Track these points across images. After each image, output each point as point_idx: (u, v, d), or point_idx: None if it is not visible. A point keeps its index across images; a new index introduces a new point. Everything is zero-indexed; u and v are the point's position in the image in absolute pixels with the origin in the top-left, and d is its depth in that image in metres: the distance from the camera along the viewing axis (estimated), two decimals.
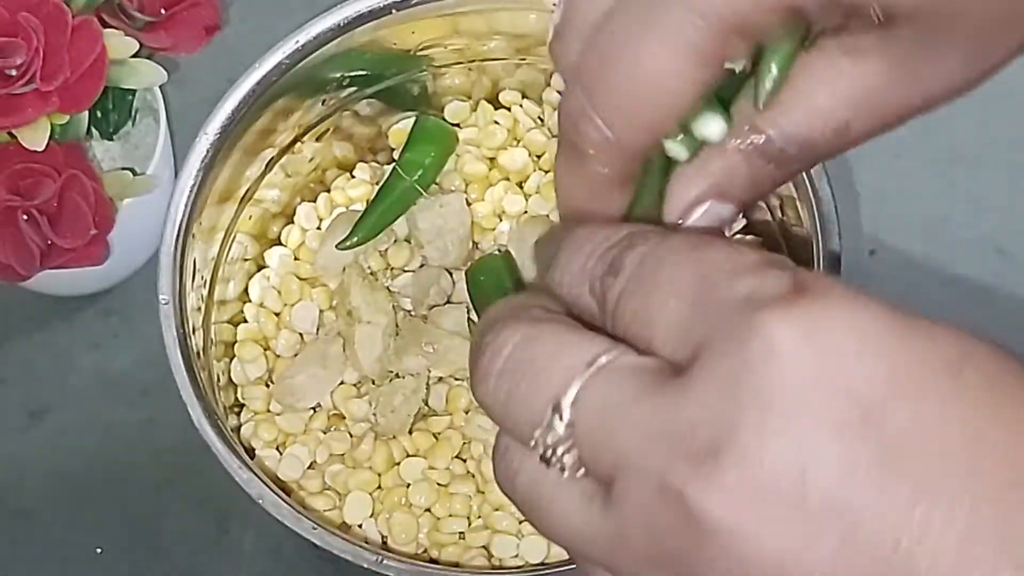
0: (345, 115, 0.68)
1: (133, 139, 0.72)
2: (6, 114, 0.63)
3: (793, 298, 0.28)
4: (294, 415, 0.64)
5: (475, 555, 0.61)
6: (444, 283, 0.66)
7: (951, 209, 0.76)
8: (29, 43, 0.63)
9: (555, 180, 0.37)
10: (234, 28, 0.75)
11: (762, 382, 0.28)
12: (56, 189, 0.64)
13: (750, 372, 0.28)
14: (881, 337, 0.28)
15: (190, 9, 0.68)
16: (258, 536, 0.71)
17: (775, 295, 0.28)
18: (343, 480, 0.63)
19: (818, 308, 0.28)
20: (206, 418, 0.57)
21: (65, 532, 0.71)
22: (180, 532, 0.71)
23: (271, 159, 0.66)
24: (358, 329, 0.63)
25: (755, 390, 0.28)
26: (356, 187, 0.69)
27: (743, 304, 0.29)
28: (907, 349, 0.28)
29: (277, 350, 0.66)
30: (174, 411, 0.57)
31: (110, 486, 0.72)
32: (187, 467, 0.68)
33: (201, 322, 0.62)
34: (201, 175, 0.61)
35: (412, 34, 0.66)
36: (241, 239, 0.66)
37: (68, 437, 0.73)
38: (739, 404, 0.28)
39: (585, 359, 0.30)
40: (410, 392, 0.63)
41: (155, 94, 0.72)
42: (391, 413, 0.63)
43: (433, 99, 0.70)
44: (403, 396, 0.63)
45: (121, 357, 0.75)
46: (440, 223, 0.66)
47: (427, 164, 0.66)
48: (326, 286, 0.67)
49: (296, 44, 0.63)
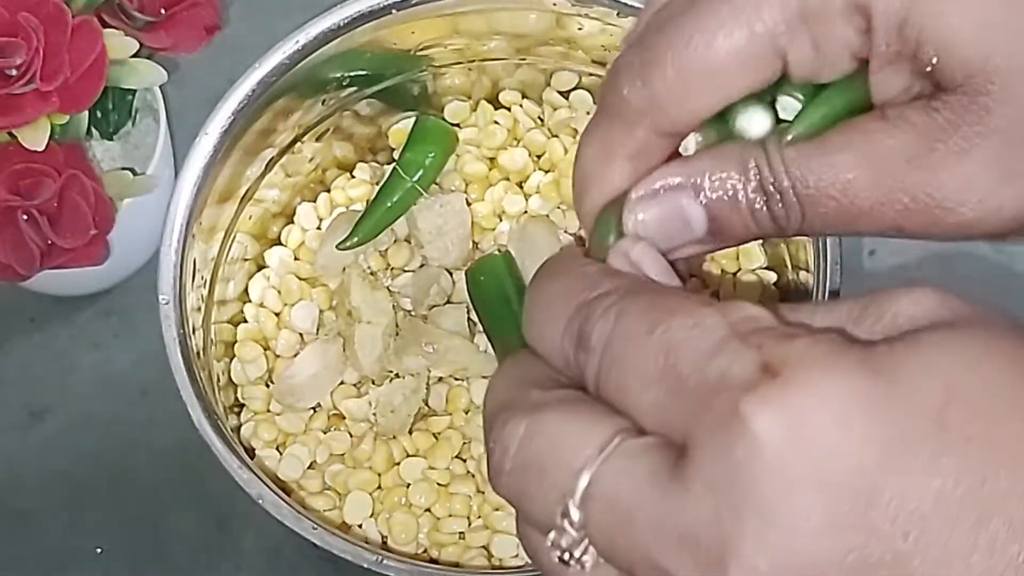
0: (345, 115, 0.68)
1: (133, 139, 0.72)
2: (6, 114, 0.63)
3: (766, 383, 0.28)
4: (294, 415, 0.64)
5: (475, 555, 0.61)
6: (444, 283, 0.66)
7: None
8: (29, 43, 0.62)
9: (578, 147, 0.37)
10: (234, 28, 0.75)
11: (754, 484, 0.28)
12: (56, 189, 0.64)
13: (740, 475, 0.28)
14: (861, 411, 0.28)
15: (190, 9, 0.68)
16: (258, 536, 0.71)
17: (747, 379, 0.28)
18: (343, 480, 0.63)
19: (792, 391, 0.28)
20: (206, 418, 0.57)
21: (65, 532, 0.71)
22: (180, 532, 0.71)
23: (271, 159, 0.66)
24: (358, 329, 0.63)
25: (748, 494, 0.28)
26: (356, 187, 0.69)
27: (716, 391, 0.29)
28: (889, 420, 0.28)
29: (277, 350, 0.66)
30: (174, 411, 0.57)
31: (110, 486, 0.72)
32: (187, 467, 0.68)
33: (201, 322, 0.62)
34: (201, 175, 0.61)
35: (412, 34, 0.66)
36: (241, 239, 0.66)
37: (68, 437, 0.73)
38: (736, 511, 0.28)
39: (587, 452, 0.30)
40: (410, 392, 0.63)
41: (155, 94, 0.72)
42: (391, 413, 0.63)
43: (433, 99, 0.70)
44: (403, 396, 0.63)
45: (121, 357, 0.75)
46: (440, 223, 0.66)
47: (427, 164, 0.66)
48: (326, 286, 0.67)
49: (296, 44, 0.63)
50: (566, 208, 0.67)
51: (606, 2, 0.63)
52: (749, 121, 0.34)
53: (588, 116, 0.67)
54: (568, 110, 0.69)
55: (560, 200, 0.67)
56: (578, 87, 0.69)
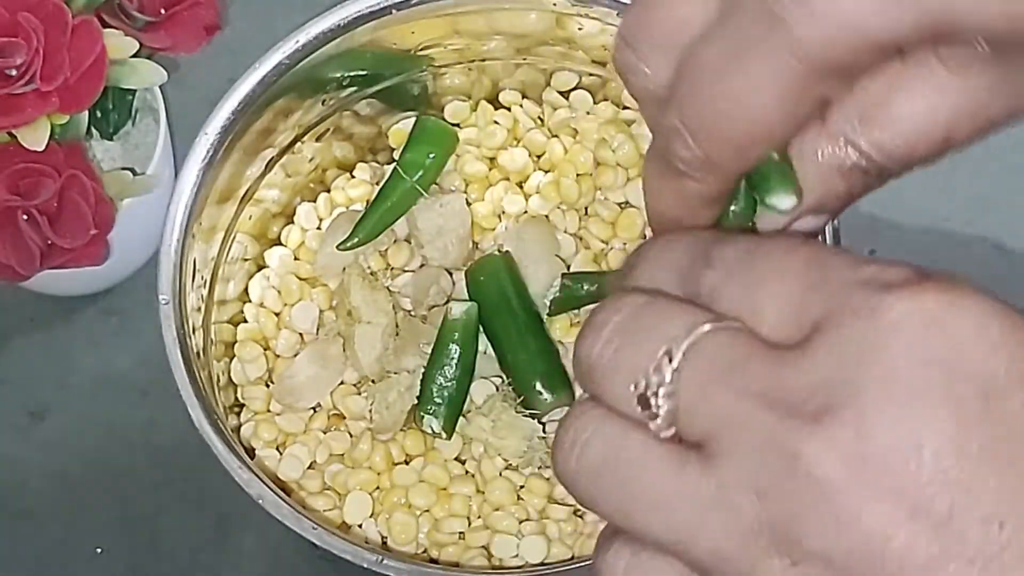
0: (345, 115, 0.68)
1: (133, 139, 0.72)
2: (6, 114, 0.63)
3: (917, 284, 0.29)
4: (294, 415, 0.64)
5: (475, 555, 0.61)
6: (444, 283, 0.66)
7: (951, 209, 0.76)
8: (29, 43, 0.63)
9: (644, 188, 0.37)
10: (234, 28, 0.75)
11: (886, 356, 0.28)
12: (56, 189, 0.64)
13: (875, 345, 0.29)
14: (1002, 328, 0.29)
15: (190, 9, 0.68)
16: (258, 536, 0.71)
17: (899, 280, 0.29)
18: (343, 480, 0.63)
19: (942, 295, 0.29)
20: (206, 418, 0.57)
21: (65, 532, 0.71)
22: (180, 532, 0.71)
23: (271, 159, 0.66)
24: (358, 329, 0.63)
25: (879, 362, 0.28)
26: (356, 187, 0.69)
27: (866, 285, 0.30)
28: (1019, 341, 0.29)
29: (277, 350, 0.66)
30: (174, 411, 0.57)
31: (110, 486, 0.72)
32: (187, 467, 0.68)
33: (201, 322, 0.62)
34: (201, 175, 0.61)
35: (412, 34, 0.66)
36: (241, 239, 0.66)
37: (68, 437, 0.73)
38: (861, 372, 0.28)
39: (699, 319, 0.31)
40: (404, 389, 0.63)
41: (155, 94, 0.72)
42: (386, 409, 0.63)
43: (433, 99, 0.70)
44: (398, 393, 0.63)
45: (121, 357, 0.75)
46: (440, 223, 0.66)
47: (427, 164, 0.66)
48: (326, 286, 0.67)
49: (296, 44, 0.63)
50: (566, 208, 0.67)
51: (606, 2, 0.63)
52: (780, 200, 0.35)
53: (588, 116, 0.68)
54: (568, 110, 0.69)
55: (560, 200, 0.67)
56: (578, 87, 0.69)
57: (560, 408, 0.62)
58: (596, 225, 0.66)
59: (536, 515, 0.61)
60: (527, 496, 0.62)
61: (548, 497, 0.62)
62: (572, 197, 0.66)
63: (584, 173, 0.67)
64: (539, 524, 0.61)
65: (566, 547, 0.61)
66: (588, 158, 0.67)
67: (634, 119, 0.68)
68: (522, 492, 0.62)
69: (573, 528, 0.61)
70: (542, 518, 0.61)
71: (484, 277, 0.64)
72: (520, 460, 0.62)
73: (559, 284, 0.64)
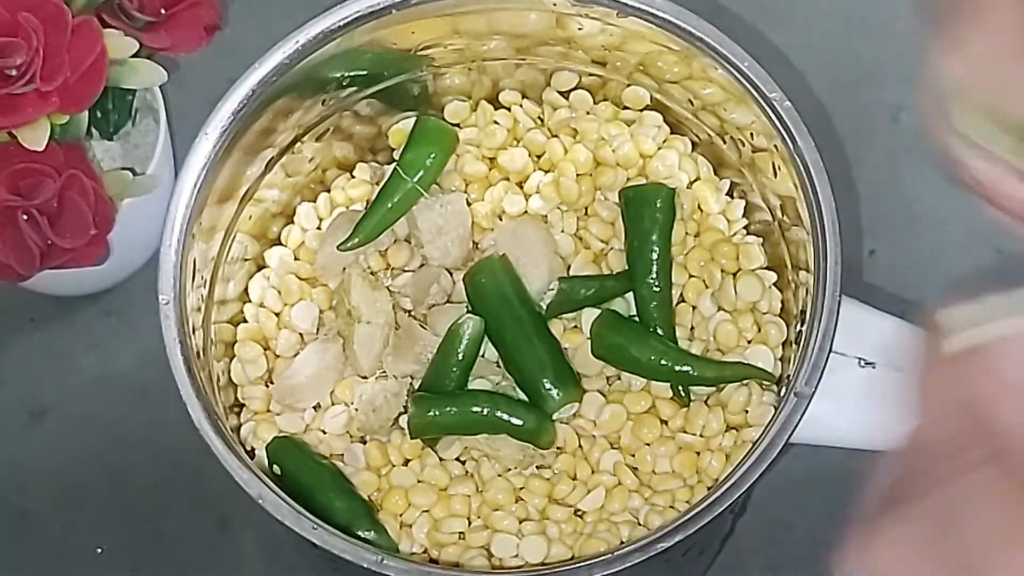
0: (345, 115, 0.68)
1: (133, 139, 0.72)
2: (6, 114, 0.63)
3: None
4: (294, 415, 0.64)
5: (475, 555, 0.61)
6: (444, 283, 0.66)
7: (951, 209, 0.76)
8: (29, 43, 0.63)
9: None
10: (234, 28, 0.75)
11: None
12: (56, 189, 0.64)
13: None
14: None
15: (190, 9, 0.68)
16: (258, 536, 0.71)
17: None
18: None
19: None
20: (206, 418, 0.57)
21: (65, 532, 0.71)
22: (180, 532, 0.71)
23: (271, 159, 0.66)
24: (358, 329, 0.63)
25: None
26: (356, 187, 0.69)
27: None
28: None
29: (277, 350, 0.66)
30: (174, 411, 0.57)
31: (110, 486, 0.72)
32: (187, 467, 0.68)
33: (201, 322, 0.62)
34: (201, 175, 0.61)
35: (412, 34, 0.66)
36: (241, 239, 0.66)
37: (68, 437, 0.73)
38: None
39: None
40: (391, 395, 0.63)
41: (155, 94, 0.72)
42: (372, 412, 0.63)
43: (433, 99, 0.70)
44: (384, 398, 0.63)
45: (121, 357, 0.75)
46: (440, 223, 0.66)
47: (427, 164, 0.66)
48: (326, 286, 0.67)
49: (296, 44, 0.63)
50: (566, 208, 0.67)
51: (606, 2, 0.63)
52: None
53: (588, 116, 0.68)
54: (568, 110, 0.69)
55: (560, 200, 0.67)
56: (578, 87, 0.69)
57: (569, 405, 0.62)
58: (596, 225, 0.66)
59: (536, 515, 0.61)
60: (527, 496, 0.62)
61: (548, 497, 0.62)
62: (572, 197, 0.66)
63: (584, 173, 0.67)
64: (539, 524, 0.61)
65: (566, 547, 0.61)
66: (588, 158, 0.67)
67: (634, 119, 0.68)
68: (522, 492, 0.62)
69: (573, 528, 0.61)
70: (542, 518, 0.61)
71: (484, 279, 0.64)
72: (517, 466, 0.62)
73: (556, 287, 0.64)
